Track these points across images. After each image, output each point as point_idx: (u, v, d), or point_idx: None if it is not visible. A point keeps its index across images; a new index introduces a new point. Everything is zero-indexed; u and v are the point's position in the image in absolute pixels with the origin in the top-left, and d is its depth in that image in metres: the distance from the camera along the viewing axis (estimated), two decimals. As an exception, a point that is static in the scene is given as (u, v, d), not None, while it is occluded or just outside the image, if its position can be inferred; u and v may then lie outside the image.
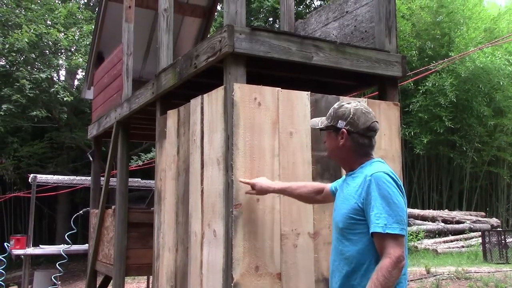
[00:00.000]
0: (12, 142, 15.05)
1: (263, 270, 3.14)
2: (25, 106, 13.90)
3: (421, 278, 9.57)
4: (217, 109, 3.34)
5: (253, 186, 3.05)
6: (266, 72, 3.87)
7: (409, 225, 16.70)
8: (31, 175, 7.72)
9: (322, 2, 20.86)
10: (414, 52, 18.78)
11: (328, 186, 2.85)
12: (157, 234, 4.33)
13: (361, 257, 2.26)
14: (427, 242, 15.72)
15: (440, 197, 20.51)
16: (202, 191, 3.50)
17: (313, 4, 21.64)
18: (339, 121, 2.40)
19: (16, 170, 18.82)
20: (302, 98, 3.43)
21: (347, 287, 2.31)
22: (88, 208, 6.87)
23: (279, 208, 3.24)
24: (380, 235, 2.14)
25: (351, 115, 2.40)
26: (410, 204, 19.90)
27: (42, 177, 7.99)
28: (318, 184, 2.97)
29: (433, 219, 17.01)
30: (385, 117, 3.76)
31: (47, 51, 14.59)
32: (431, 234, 16.39)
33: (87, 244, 7.22)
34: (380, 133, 3.72)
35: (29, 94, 13.40)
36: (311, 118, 3.44)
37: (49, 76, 13.82)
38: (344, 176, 2.61)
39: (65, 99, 13.88)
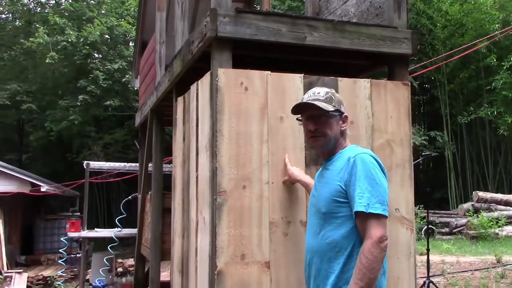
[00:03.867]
0: (90, 131, 15.94)
1: (250, 259, 3.07)
2: (100, 96, 14.63)
3: (489, 268, 9.00)
4: (206, 95, 3.30)
5: (288, 170, 3.12)
6: (270, 55, 3.76)
7: (491, 210, 15.74)
8: (85, 162, 8.15)
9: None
10: (497, 26, 17.52)
11: None
12: (172, 221, 4.39)
13: (344, 241, 2.25)
14: (510, 229, 14.75)
15: (529, 180, 19.11)
16: (196, 178, 3.49)
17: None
18: (341, 107, 2.46)
19: (106, 156, 19.99)
20: (295, 81, 3.29)
21: (329, 272, 2.28)
22: (137, 194, 7.11)
23: (267, 195, 3.14)
24: (363, 215, 2.14)
25: (342, 101, 2.50)
26: (495, 188, 18.75)
27: (95, 164, 8.40)
28: None
29: (517, 204, 15.89)
30: (392, 98, 3.51)
31: (119, 42, 15.23)
32: (514, 220, 15.34)
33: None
34: (386, 116, 3.51)
35: (102, 84, 14.08)
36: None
37: (121, 67, 14.42)
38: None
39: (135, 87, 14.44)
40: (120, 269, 11.93)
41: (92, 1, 16.47)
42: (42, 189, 13.36)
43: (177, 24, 4.56)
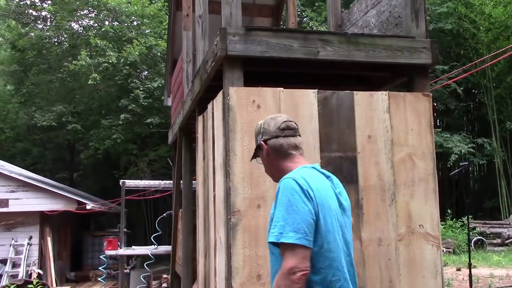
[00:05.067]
0: (132, 149, 16.26)
1: (267, 279, 3.02)
2: (141, 115, 14.93)
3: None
4: (220, 114, 3.29)
5: None
6: (284, 70, 3.73)
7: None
8: (121, 181, 8.29)
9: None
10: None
11: None
12: (197, 239, 4.39)
13: None
14: None
15: None
16: (214, 197, 3.48)
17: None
18: (257, 139, 2.31)
19: (151, 173, 20.37)
20: (308, 97, 3.24)
21: None
22: (171, 211, 7.18)
23: (283, 214, 3.08)
24: (278, 245, 1.98)
25: (262, 127, 2.29)
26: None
27: (130, 182, 8.55)
28: None
29: None
30: (413, 110, 3.41)
31: (157, 61, 15.54)
32: None
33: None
34: (407, 128, 3.41)
35: (143, 103, 14.37)
36: (319, 117, 3.25)
37: (160, 85, 14.69)
38: None
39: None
40: (164, 285, 12.07)
41: (134, 23, 16.95)
42: (88, 207, 13.68)
43: (198, 43, 4.60)
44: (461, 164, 7.38)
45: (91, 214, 17.22)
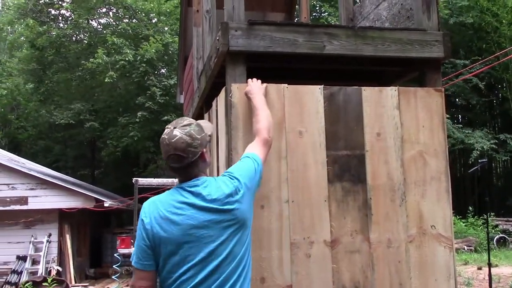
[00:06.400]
0: (149, 146, 16.31)
1: (271, 282, 2.93)
2: (158, 112, 14.95)
3: None
4: (222, 111, 3.20)
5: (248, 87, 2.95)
6: (290, 66, 3.62)
7: None
8: (134, 179, 8.28)
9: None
10: None
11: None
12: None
13: None
14: None
15: None
16: (218, 197, 3.38)
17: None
18: None
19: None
20: (314, 93, 3.12)
21: None
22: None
23: (287, 214, 2.99)
24: None
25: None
26: None
27: (143, 180, 8.52)
28: (258, 135, 2.75)
29: None
30: (424, 106, 3.26)
31: (174, 59, 15.54)
32: None
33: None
34: (418, 125, 3.27)
35: (160, 100, 14.38)
36: (325, 114, 3.13)
37: (177, 82, 14.70)
38: None
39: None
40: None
41: (154, 20, 16.97)
42: (105, 204, 13.77)
43: (205, 38, 4.51)
44: (479, 161, 7.19)
45: (111, 212, 17.33)
